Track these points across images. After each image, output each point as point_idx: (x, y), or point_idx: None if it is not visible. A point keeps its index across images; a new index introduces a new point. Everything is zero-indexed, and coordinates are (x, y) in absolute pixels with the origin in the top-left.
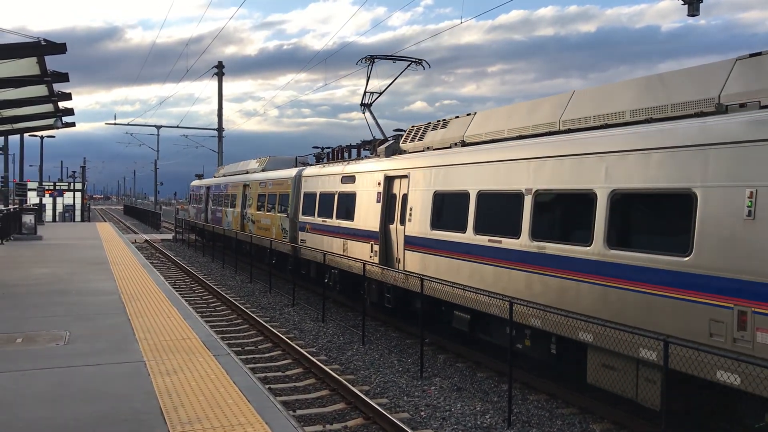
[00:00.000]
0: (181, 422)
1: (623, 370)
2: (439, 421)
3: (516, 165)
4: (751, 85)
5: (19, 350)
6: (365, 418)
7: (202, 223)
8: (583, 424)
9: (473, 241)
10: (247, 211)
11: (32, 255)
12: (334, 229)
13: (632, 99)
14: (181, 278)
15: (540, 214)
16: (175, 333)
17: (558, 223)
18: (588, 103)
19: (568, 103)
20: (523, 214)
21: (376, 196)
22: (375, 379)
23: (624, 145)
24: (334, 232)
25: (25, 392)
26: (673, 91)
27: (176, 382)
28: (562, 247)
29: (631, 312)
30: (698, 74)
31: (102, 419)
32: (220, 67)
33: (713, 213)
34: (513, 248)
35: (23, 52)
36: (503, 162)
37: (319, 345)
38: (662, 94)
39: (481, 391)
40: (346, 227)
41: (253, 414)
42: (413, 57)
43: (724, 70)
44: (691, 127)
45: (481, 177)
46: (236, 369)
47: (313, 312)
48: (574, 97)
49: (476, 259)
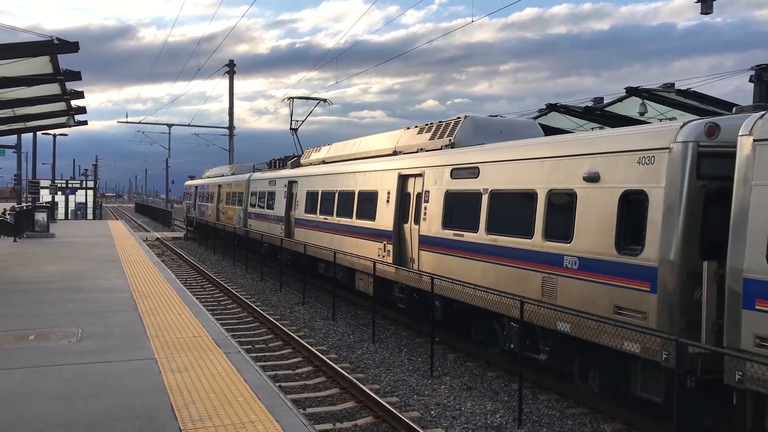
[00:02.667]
0: (192, 419)
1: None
2: (449, 420)
3: (351, 174)
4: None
5: (31, 347)
6: (375, 417)
7: (191, 215)
8: (593, 423)
9: (338, 220)
10: (220, 205)
11: (45, 252)
12: (265, 216)
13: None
14: (192, 276)
15: (361, 203)
16: (186, 330)
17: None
18: (408, 138)
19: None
20: (354, 204)
21: (284, 194)
22: (385, 378)
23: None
24: (265, 217)
25: (37, 388)
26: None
27: (187, 379)
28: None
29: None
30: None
31: (113, 415)
32: (231, 66)
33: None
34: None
35: (36, 50)
36: (348, 173)
37: (330, 343)
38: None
39: (491, 390)
40: (269, 214)
41: (264, 412)
42: (320, 98)
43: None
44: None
45: (330, 182)
46: (247, 367)
47: (323, 310)
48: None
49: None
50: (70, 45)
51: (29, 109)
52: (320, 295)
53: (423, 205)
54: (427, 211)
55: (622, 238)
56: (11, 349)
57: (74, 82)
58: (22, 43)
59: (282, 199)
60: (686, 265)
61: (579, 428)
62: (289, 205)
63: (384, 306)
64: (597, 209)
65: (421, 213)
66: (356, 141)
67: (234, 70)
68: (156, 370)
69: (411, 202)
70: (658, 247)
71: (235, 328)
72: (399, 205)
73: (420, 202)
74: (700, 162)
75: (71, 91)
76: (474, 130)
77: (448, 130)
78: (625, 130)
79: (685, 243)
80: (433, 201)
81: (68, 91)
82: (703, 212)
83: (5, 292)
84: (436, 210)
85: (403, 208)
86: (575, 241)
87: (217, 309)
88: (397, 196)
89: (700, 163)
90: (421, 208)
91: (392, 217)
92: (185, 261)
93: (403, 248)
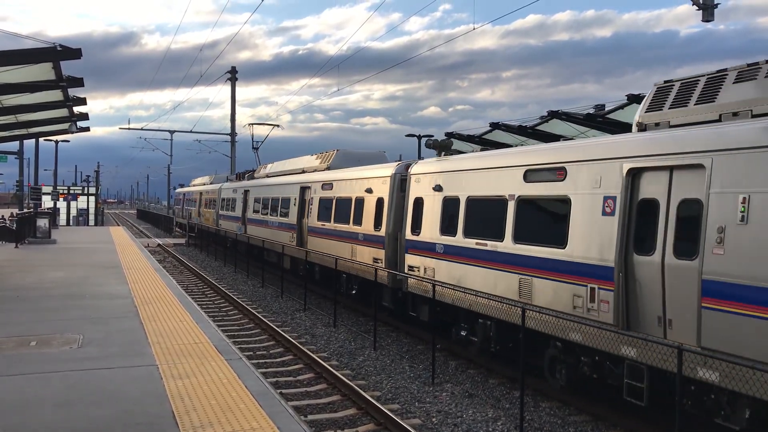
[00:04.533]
0: (194, 426)
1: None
2: (450, 427)
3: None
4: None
5: (33, 353)
6: (377, 424)
7: (180, 218)
8: (595, 431)
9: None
10: (201, 209)
11: (46, 258)
12: (230, 217)
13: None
14: (193, 282)
15: (282, 206)
16: (188, 337)
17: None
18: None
19: (331, 158)
20: (291, 207)
21: (242, 200)
22: (386, 385)
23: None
24: (230, 218)
25: (38, 395)
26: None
27: (188, 386)
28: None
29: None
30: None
31: (115, 422)
32: (234, 72)
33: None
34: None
35: (39, 57)
36: (275, 185)
37: (331, 350)
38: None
39: (492, 397)
40: (232, 215)
41: (265, 418)
42: (275, 123)
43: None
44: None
45: (267, 191)
46: (248, 373)
47: (324, 317)
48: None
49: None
50: (72, 52)
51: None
52: (321, 302)
53: (308, 207)
54: (311, 211)
55: (372, 224)
56: (13, 356)
57: (77, 89)
58: (24, 50)
59: (240, 204)
60: (393, 234)
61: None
62: (244, 208)
63: (271, 267)
64: (370, 207)
65: (306, 211)
66: (285, 162)
67: (236, 76)
68: (157, 376)
69: (306, 205)
70: (384, 226)
71: (237, 334)
72: (299, 207)
73: (309, 205)
74: (400, 183)
75: (74, 98)
76: (342, 159)
77: (328, 158)
78: (378, 166)
79: (394, 223)
80: (314, 204)
81: (71, 97)
82: (400, 207)
83: (7, 299)
84: (315, 209)
85: (301, 209)
86: (366, 225)
87: (219, 315)
88: (299, 200)
89: (400, 184)
90: (306, 208)
91: (296, 214)
92: (186, 267)
93: (301, 234)
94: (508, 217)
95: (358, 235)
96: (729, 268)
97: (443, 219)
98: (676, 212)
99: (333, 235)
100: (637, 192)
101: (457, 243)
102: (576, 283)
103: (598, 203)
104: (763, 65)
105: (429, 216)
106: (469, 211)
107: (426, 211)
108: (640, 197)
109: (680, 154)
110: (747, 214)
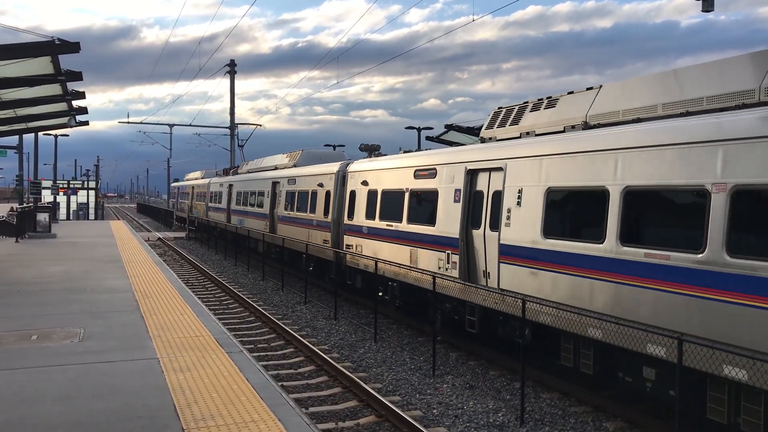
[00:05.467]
0: (195, 419)
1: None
2: (451, 419)
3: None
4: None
5: (34, 347)
6: (378, 416)
7: (178, 212)
8: (596, 422)
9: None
10: (193, 201)
11: (47, 253)
12: (217, 209)
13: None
14: (193, 276)
15: (258, 198)
16: (189, 330)
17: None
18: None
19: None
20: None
21: (227, 195)
22: (387, 377)
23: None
24: (218, 209)
25: (39, 389)
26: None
27: (189, 379)
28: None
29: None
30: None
31: (116, 415)
32: (232, 66)
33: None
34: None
35: (37, 51)
36: (253, 180)
37: (332, 342)
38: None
39: (493, 389)
40: (219, 207)
41: (266, 411)
42: (257, 123)
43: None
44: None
45: (247, 185)
46: (249, 366)
47: (325, 310)
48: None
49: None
50: (71, 45)
51: (31, 109)
52: (322, 295)
53: (278, 199)
54: (279, 202)
55: (323, 212)
56: (14, 350)
57: (75, 83)
58: (23, 44)
59: (226, 197)
60: (337, 220)
61: (581, 426)
62: (229, 201)
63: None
64: (321, 198)
65: (276, 203)
66: (263, 159)
67: (235, 69)
68: (158, 369)
69: (276, 197)
70: (331, 214)
71: (238, 327)
72: (272, 199)
73: (278, 197)
74: (342, 179)
75: (72, 92)
76: (306, 158)
77: (295, 157)
78: (328, 165)
79: (338, 211)
80: (282, 196)
81: (69, 91)
82: (342, 198)
83: (7, 293)
84: (283, 201)
85: (273, 201)
86: (318, 213)
87: (219, 308)
88: (271, 193)
89: (342, 179)
90: (276, 200)
91: (269, 205)
92: (187, 261)
93: (273, 222)
94: (404, 204)
95: (313, 221)
96: (512, 235)
97: (368, 207)
98: (491, 200)
99: (296, 222)
100: (474, 186)
101: (376, 225)
102: (440, 251)
103: (452, 194)
104: (545, 100)
105: (359, 205)
106: (384, 200)
107: (357, 201)
108: (474, 189)
109: (493, 160)
110: (521, 200)
